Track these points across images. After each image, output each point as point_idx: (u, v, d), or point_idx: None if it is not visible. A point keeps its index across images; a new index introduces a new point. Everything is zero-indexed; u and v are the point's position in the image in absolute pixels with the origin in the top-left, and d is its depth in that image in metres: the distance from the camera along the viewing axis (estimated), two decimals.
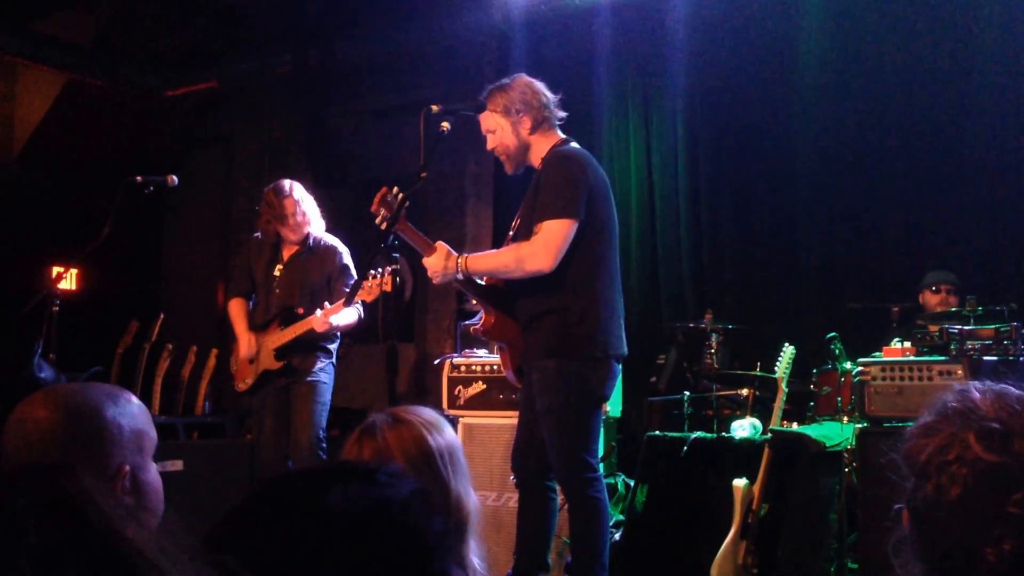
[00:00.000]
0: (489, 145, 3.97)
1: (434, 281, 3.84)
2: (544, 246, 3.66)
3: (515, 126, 3.87)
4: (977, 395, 1.24)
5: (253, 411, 5.38)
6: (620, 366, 3.92)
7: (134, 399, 1.78)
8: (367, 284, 4.40)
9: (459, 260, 3.75)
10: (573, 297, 3.72)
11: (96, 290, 7.80)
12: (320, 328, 4.92)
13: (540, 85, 3.92)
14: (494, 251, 4.02)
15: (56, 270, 6.46)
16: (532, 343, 3.81)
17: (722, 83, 6.64)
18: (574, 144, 3.94)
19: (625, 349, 3.87)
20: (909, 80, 6.03)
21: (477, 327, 3.99)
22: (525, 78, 3.94)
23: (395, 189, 3.81)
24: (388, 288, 3.98)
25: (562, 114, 3.95)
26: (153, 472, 1.78)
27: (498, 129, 3.90)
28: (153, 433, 1.79)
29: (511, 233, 3.98)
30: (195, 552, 0.86)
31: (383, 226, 3.78)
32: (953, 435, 1.20)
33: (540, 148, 3.89)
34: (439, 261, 3.77)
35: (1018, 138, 5.74)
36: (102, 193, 7.90)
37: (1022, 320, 4.24)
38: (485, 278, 3.95)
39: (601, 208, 3.81)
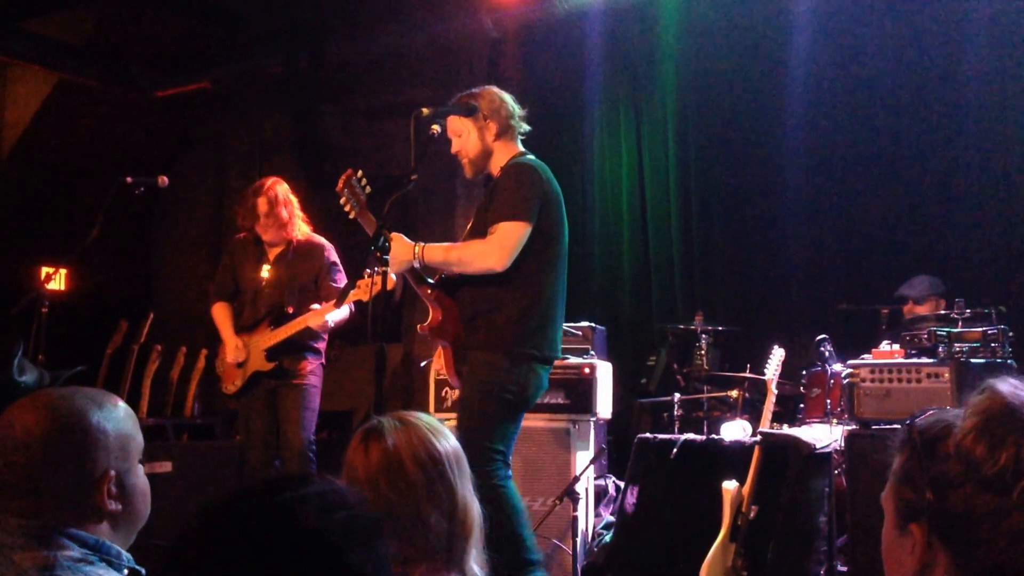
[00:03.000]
0: (453, 148, 4.05)
1: (390, 269, 3.76)
2: (498, 246, 3.77)
3: (481, 131, 3.97)
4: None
5: (240, 413, 5.35)
6: (547, 371, 3.92)
7: (120, 403, 1.79)
8: (361, 284, 4.40)
9: (416, 248, 3.82)
10: (513, 297, 3.80)
11: (86, 291, 7.77)
12: (317, 324, 4.93)
13: (508, 96, 4.03)
14: (450, 244, 4.06)
15: (46, 271, 6.43)
16: (469, 340, 3.88)
17: (712, 88, 6.67)
18: (531, 156, 4.03)
19: (556, 353, 3.93)
20: (897, 84, 6.07)
21: (424, 325, 4.02)
22: (494, 88, 4.05)
23: (359, 172, 3.86)
24: (391, 287, 3.97)
25: (526, 127, 4.05)
26: (140, 476, 1.79)
27: (464, 132, 3.99)
28: (139, 437, 1.80)
29: (463, 237, 4.06)
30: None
31: (346, 207, 3.86)
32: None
33: (500, 157, 3.99)
34: (398, 247, 3.81)
35: (1006, 140, 5.77)
36: (92, 194, 7.89)
37: (1010, 323, 4.27)
38: (435, 276, 4.00)
39: (553, 217, 3.90)
